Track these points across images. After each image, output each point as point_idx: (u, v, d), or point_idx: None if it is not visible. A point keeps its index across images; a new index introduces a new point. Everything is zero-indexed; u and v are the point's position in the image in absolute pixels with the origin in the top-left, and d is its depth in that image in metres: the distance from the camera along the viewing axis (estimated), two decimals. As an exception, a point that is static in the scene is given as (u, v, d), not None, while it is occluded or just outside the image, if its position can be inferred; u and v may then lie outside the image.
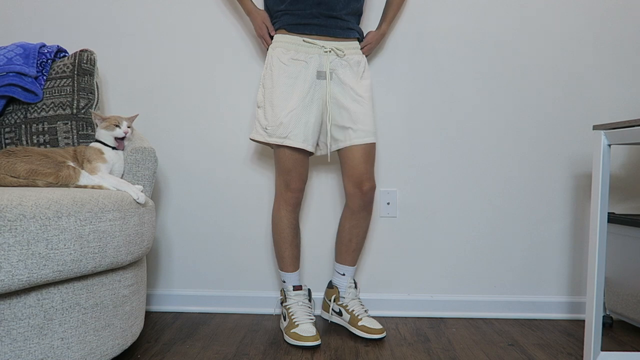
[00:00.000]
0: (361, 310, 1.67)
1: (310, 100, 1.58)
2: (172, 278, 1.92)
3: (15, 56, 1.62)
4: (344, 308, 1.70)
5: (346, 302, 1.70)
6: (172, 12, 1.88)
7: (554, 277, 1.88)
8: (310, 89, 1.58)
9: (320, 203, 1.90)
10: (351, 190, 1.64)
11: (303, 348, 1.53)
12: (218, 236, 1.91)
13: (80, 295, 1.17)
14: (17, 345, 1.05)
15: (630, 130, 1.23)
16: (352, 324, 1.65)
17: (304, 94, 1.57)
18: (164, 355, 1.46)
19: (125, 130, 1.49)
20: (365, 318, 1.64)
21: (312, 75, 1.58)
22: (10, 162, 1.30)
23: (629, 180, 1.87)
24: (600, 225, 1.31)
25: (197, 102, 1.89)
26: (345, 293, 1.72)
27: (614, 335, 1.68)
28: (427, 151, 1.88)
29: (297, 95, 1.56)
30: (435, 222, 1.89)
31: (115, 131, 1.48)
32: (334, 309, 1.73)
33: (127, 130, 1.50)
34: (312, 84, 1.58)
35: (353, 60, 1.62)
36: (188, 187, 1.91)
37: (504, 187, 1.88)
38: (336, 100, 1.60)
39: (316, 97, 1.59)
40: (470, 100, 1.87)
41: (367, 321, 1.62)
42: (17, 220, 1.02)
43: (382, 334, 1.60)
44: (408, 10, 1.85)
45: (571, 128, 1.87)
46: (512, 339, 1.64)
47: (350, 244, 1.70)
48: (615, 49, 1.85)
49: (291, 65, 1.57)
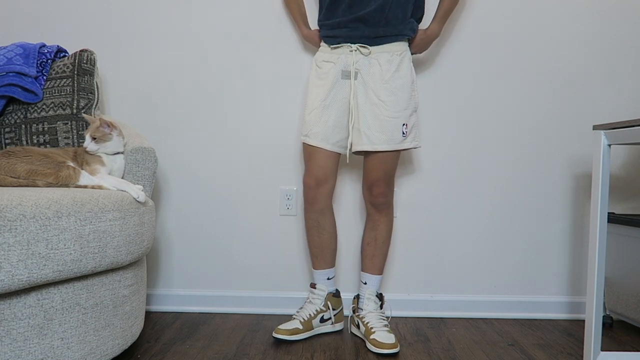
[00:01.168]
0: (377, 323, 1.56)
1: (332, 100, 1.58)
2: (172, 278, 1.92)
3: (15, 56, 1.62)
4: (361, 320, 1.62)
5: (363, 314, 1.62)
6: (172, 12, 1.88)
7: (554, 277, 1.88)
8: (333, 88, 1.58)
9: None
10: (365, 194, 1.66)
11: (303, 348, 1.53)
12: (218, 236, 1.91)
13: (80, 295, 1.17)
14: (17, 345, 1.05)
15: (630, 130, 1.23)
16: (366, 336, 1.56)
17: (326, 93, 1.58)
18: (164, 355, 1.46)
19: (85, 146, 1.43)
20: (378, 332, 1.52)
21: (338, 74, 1.58)
22: (10, 162, 1.30)
23: (629, 180, 1.87)
24: (600, 225, 1.30)
25: (197, 102, 1.89)
26: (363, 304, 1.64)
27: (614, 335, 1.68)
28: (427, 151, 1.88)
29: (321, 95, 1.58)
30: (435, 222, 1.89)
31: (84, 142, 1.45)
32: (353, 320, 1.68)
33: (87, 146, 1.43)
34: (335, 83, 1.58)
35: (383, 58, 1.55)
36: (188, 187, 1.91)
37: (504, 187, 1.88)
38: (356, 102, 1.58)
39: (339, 97, 1.58)
40: (470, 100, 1.87)
41: (380, 335, 1.51)
42: (17, 220, 1.02)
43: (393, 349, 1.47)
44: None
45: (571, 128, 1.87)
46: (512, 339, 1.64)
47: (368, 249, 1.67)
48: (615, 49, 1.85)
49: (323, 67, 1.61)
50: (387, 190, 1.62)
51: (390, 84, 1.54)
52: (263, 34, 1.87)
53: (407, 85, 1.56)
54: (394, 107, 1.54)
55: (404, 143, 1.57)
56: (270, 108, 1.89)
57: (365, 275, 1.68)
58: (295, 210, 1.89)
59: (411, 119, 1.58)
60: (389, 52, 1.56)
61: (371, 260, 1.67)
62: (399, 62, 1.56)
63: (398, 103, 1.55)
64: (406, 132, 1.57)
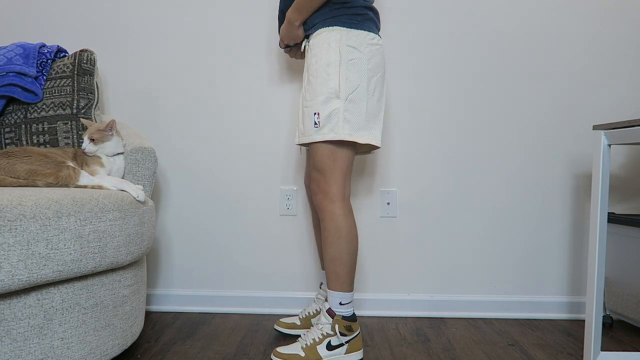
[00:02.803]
0: (307, 335, 1.43)
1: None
2: (172, 278, 1.92)
3: (15, 56, 1.62)
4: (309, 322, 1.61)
5: (314, 322, 1.59)
6: (172, 12, 1.88)
7: (554, 277, 1.88)
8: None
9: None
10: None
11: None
12: (218, 236, 1.91)
13: (80, 295, 1.17)
14: (17, 345, 1.05)
15: (630, 130, 1.23)
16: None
17: None
18: (164, 355, 1.46)
19: (83, 148, 1.44)
20: (293, 344, 1.42)
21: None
22: (10, 162, 1.30)
23: (629, 180, 1.87)
24: (600, 225, 1.30)
25: (197, 102, 1.89)
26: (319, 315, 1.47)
27: (614, 335, 1.68)
28: (427, 151, 1.88)
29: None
30: (435, 222, 1.89)
31: (82, 144, 1.45)
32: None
33: (85, 148, 1.43)
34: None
35: (310, 45, 1.46)
36: (188, 187, 1.91)
37: (504, 187, 1.88)
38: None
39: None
40: (470, 100, 1.87)
41: (287, 347, 1.42)
42: (17, 220, 1.02)
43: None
44: (410, 10, 1.85)
45: (571, 128, 1.87)
46: (512, 339, 1.64)
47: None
48: (615, 49, 1.85)
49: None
50: (317, 188, 1.41)
51: (308, 71, 1.42)
52: (263, 34, 1.87)
53: (321, 69, 1.37)
54: (308, 94, 1.40)
55: (316, 135, 1.37)
56: (271, 108, 1.89)
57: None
58: (295, 210, 1.89)
59: (326, 107, 1.35)
60: (312, 37, 1.44)
61: (326, 269, 1.43)
62: (313, 44, 1.42)
63: (312, 89, 1.39)
64: (318, 122, 1.36)
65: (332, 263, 1.40)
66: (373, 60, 1.39)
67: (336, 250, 1.39)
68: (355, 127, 1.37)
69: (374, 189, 1.89)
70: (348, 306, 1.41)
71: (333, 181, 1.40)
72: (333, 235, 1.39)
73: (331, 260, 1.40)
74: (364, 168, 1.88)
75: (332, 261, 1.40)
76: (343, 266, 1.39)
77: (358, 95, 1.36)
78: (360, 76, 1.37)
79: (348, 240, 1.39)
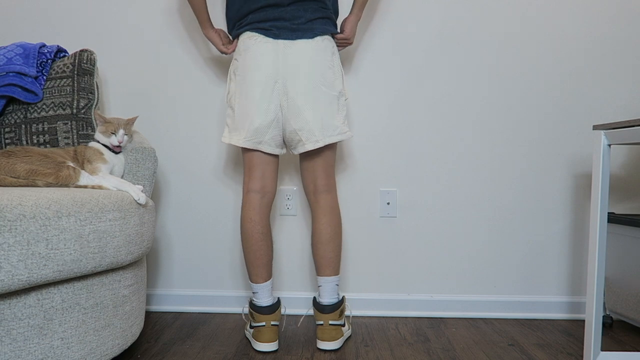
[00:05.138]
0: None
1: None
2: (172, 278, 1.92)
3: (15, 56, 1.62)
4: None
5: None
6: (172, 12, 1.88)
7: (554, 277, 1.88)
8: None
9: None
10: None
11: (303, 348, 1.53)
12: (218, 236, 1.91)
13: (80, 295, 1.17)
14: (17, 345, 1.05)
15: (630, 130, 1.23)
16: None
17: None
18: (164, 355, 1.46)
19: (120, 140, 1.47)
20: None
21: None
22: (10, 162, 1.30)
23: (629, 180, 1.87)
24: (600, 225, 1.30)
25: (197, 102, 1.89)
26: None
27: (614, 335, 1.68)
28: (427, 151, 1.88)
29: None
30: (435, 222, 1.89)
31: (110, 138, 1.47)
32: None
33: (122, 140, 1.48)
34: None
35: None
36: (188, 187, 1.91)
37: (504, 187, 1.88)
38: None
39: None
40: (470, 101, 1.87)
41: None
42: (17, 220, 1.02)
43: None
44: (411, 9, 1.85)
45: (571, 128, 1.87)
46: (512, 339, 1.64)
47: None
48: (615, 49, 1.85)
49: None
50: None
51: None
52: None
53: None
54: None
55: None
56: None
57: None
58: (295, 210, 1.89)
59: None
60: None
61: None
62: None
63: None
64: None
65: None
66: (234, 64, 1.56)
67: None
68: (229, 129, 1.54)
69: (374, 189, 1.89)
70: (255, 296, 1.55)
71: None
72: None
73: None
74: (364, 168, 1.88)
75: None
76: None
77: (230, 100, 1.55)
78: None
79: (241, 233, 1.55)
